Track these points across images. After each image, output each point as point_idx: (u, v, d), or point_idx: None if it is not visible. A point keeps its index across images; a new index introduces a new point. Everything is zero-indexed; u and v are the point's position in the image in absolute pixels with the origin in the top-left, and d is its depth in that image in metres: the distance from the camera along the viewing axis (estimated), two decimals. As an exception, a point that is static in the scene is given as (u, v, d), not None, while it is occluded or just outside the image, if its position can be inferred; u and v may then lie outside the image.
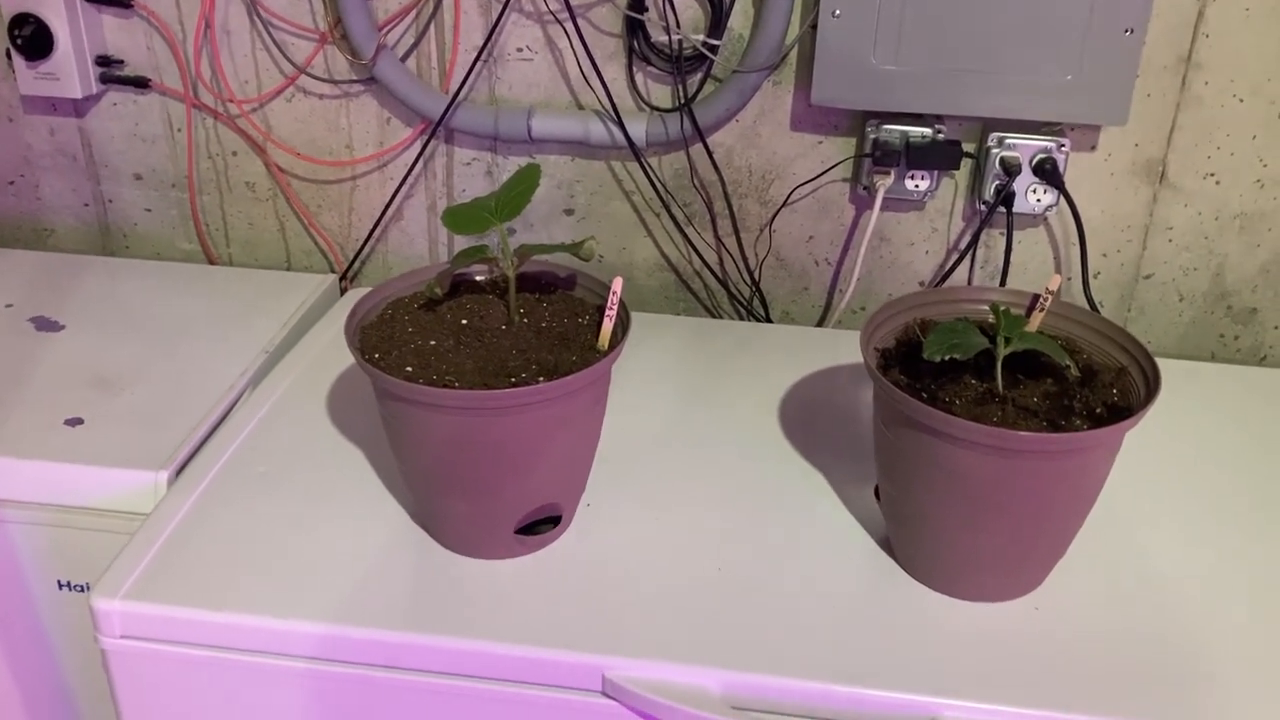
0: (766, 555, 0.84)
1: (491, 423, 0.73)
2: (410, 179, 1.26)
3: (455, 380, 0.74)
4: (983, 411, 0.73)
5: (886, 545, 0.84)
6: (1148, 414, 0.72)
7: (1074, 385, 0.77)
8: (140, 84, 1.24)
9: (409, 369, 0.76)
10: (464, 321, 0.81)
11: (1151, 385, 0.74)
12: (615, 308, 0.79)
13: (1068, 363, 0.74)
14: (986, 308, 0.82)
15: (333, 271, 1.31)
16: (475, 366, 0.76)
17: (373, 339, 0.80)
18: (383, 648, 0.76)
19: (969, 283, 1.21)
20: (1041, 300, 0.81)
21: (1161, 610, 0.79)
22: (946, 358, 0.73)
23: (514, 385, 0.74)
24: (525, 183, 0.81)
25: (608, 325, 0.79)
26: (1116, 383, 0.77)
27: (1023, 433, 0.69)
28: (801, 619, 0.78)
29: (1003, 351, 0.74)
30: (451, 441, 0.74)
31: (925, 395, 0.75)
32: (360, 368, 0.76)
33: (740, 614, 0.78)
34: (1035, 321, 0.82)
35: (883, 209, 1.19)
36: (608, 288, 0.84)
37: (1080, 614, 0.78)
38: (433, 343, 0.79)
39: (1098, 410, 0.74)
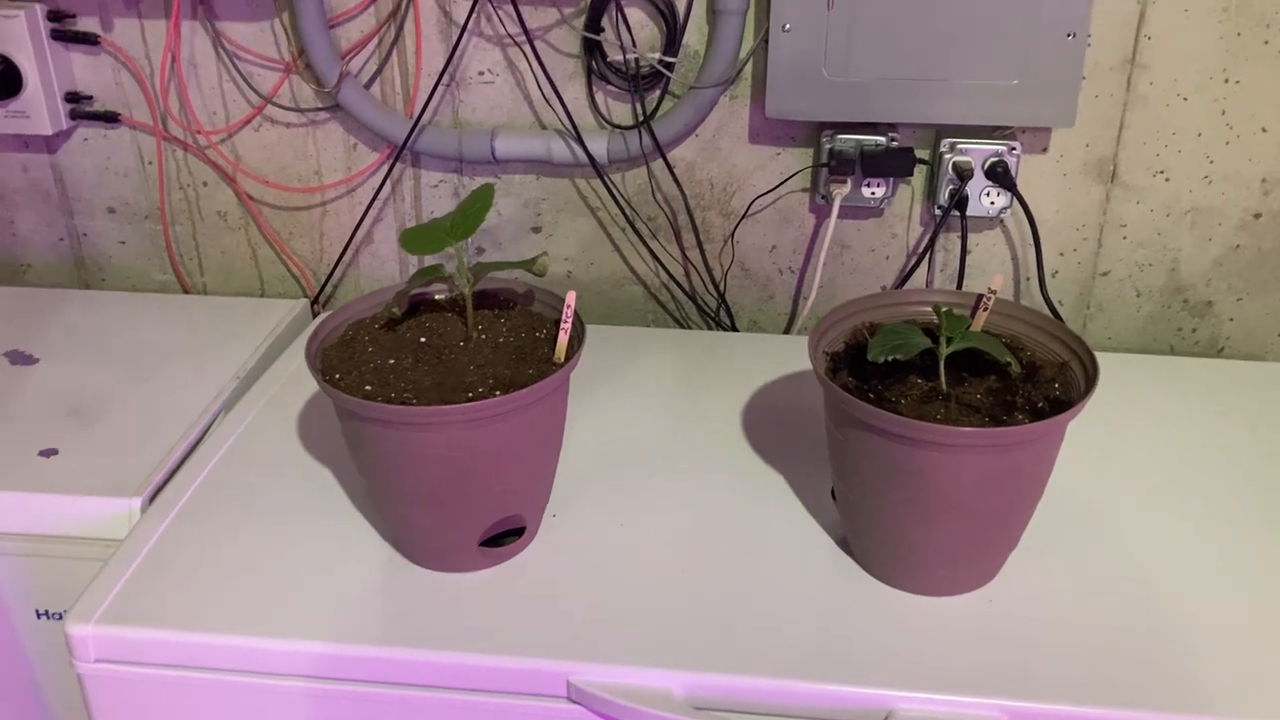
0: (728, 558, 0.85)
1: (449, 437, 0.75)
2: (378, 203, 1.28)
3: (413, 397, 0.76)
4: (927, 409, 0.75)
5: (844, 544, 0.86)
6: (1091, 405, 0.74)
7: (1017, 381, 0.79)
8: (110, 119, 1.26)
9: (368, 388, 0.77)
10: (423, 340, 0.83)
11: (1091, 378, 0.76)
12: (569, 320, 0.81)
13: (1009, 360, 0.76)
14: (928, 309, 0.84)
15: (305, 296, 1.33)
16: (433, 383, 0.78)
17: (334, 360, 0.82)
18: (353, 662, 0.78)
19: (928, 285, 1.23)
20: (984, 300, 0.83)
21: (1115, 598, 0.81)
22: (890, 358, 0.75)
23: (470, 400, 0.76)
24: (479, 203, 0.83)
25: (563, 338, 0.81)
26: (1058, 377, 0.79)
27: (963, 428, 0.71)
28: (762, 619, 0.79)
29: (944, 351, 0.76)
30: (411, 457, 0.76)
31: (872, 396, 0.77)
32: (321, 388, 0.77)
33: (702, 616, 0.80)
34: (979, 321, 0.84)
35: (842, 216, 1.21)
36: (564, 302, 0.86)
37: (1033, 604, 0.80)
38: (392, 361, 0.81)
39: (1039, 405, 0.76)
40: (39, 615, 0.96)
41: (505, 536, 0.85)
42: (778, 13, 1.08)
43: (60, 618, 0.96)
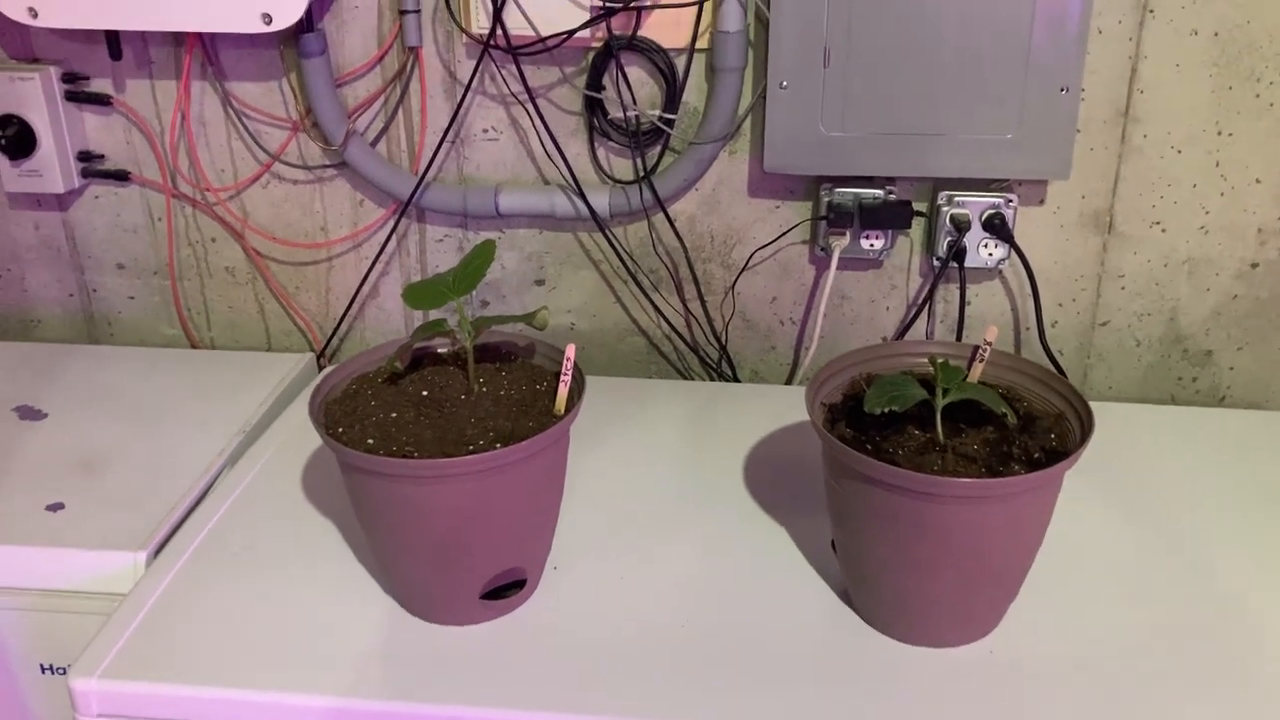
0: (730, 610, 0.86)
1: (451, 490, 0.76)
2: (384, 257, 1.30)
3: (415, 450, 0.77)
4: (924, 460, 0.76)
5: (846, 597, 0.86)
6: (1092, 454, 0.75)
7: (1013, 432, 0.79)
8: (121, 177, 1.29)
9: (370, 441, 0.78)
10: (425, 393, 0.84)
11: (1086, 428, 0.77)
12: (569, 373, 0.82)
13: (1004, 410, 0.77)
14: (924, 361, 0.85)
15: (312, 350, 1.35)
16: (435, 436, 0.79)
17: (337, 414, 0.83)
18: (357, 716, 0.78)
19: (928, 336, 1.24)
20: (980, 351, 0.84)
21: (1116, 648, 0.81)
22: (887, 410, 0.75)
23: (471, 453, 0.76)
24: (480, 258, 0.85)
25: (563, 390, 0.82)
26: (1054, 428, 0.80)
27: (959, 479, 0.72)
28: (764, 672, 0.79)
29: (941, 402, 0.77)
30: (412, 510, 0.77)
31: (869, 447, 0.78)
32: (324, 442, 0.78)
33: (704, 670, 0.80)
34: (976, 372, 0.85)
35: (842, 268, 1.22)
36: (563, 354, 0.87)
37: (1034, 655, 0.80)
38: (394, 415, 0.82)
39: (1035, 455, 0.76)
40: (44, 670, 0.97)
41: (507, 589, 0.85)
42: (775, 71, 1.11)
43: (65, 672, 0.96)
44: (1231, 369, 1.23)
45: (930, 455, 0.76)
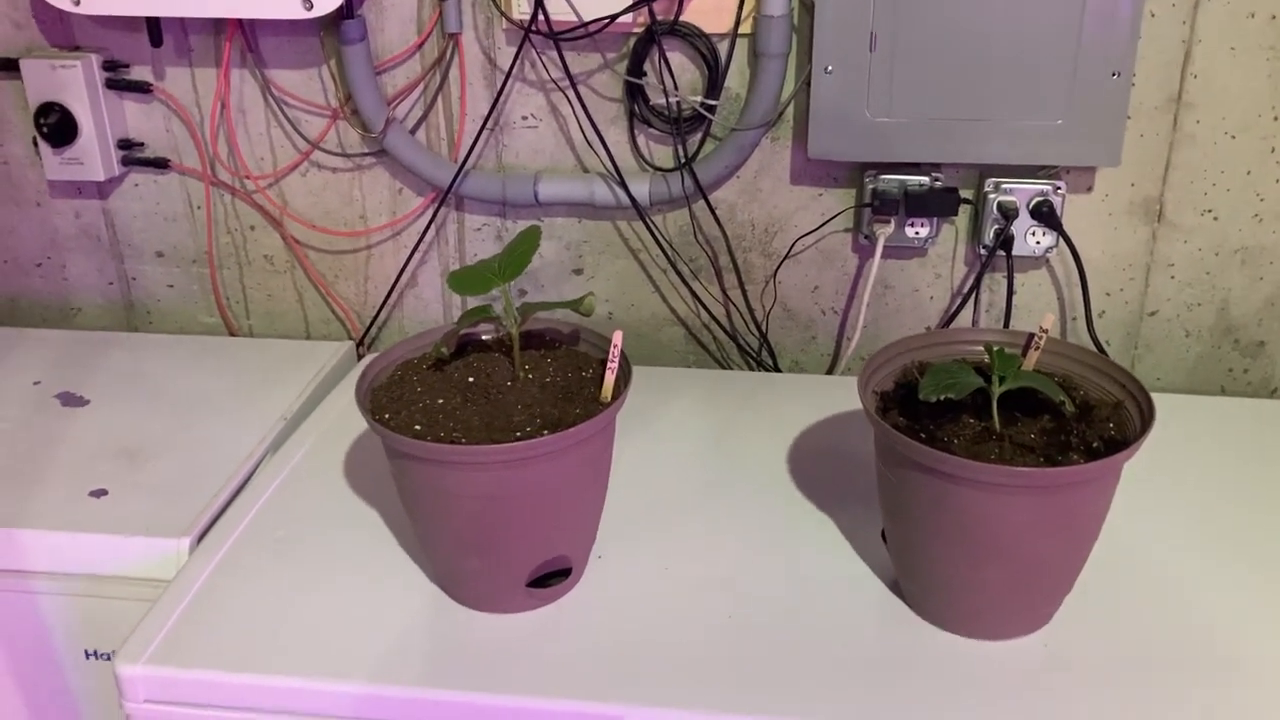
0: (778, 602, 0.84)
1: (498, 477, 0.75)
2: (423, 246, 1.29)
3: (462, 436, 0.76)
4: (980, 449, 0.74)
5: (896, 588, 0.85)
6: (1144, 445, 0.73)
7: (1071, 421, 0.78)
8: (160, 165, 1.29)
9: (417, 427, 0.78)
10: (471, 380, 0.84)
11: (1146, 417, 0.75)
12: (616, 360, 0.81)
13: (1062, 399, 0.75)
14: (979, 348, 0.84)
15: (350, 338, 1.34)
16: (481, 423, 0.78)
17: (383, 400, 0.82)
18: (401, 704, 0.77)
19: (974, 325, 1.22)
20: (1036, 339, 0.83)
21: (1172, 643, 0.79)
22: (942, 398, 0.74)
23: (519, 439, 0.76)
24: (526, 244, 0.84)
25: (610, 378, 0.81)
26: (1113, 417, 0.78)
27: (1019, 468, 0.70)
28: (814, 663, 0.78)
29: (998, 390, 0.76)
30: (460, 497, 0.76)
31: (924, 436, 0.76)
32: (371, 428, 0.78)
33: (753, 660, 0.79)
34: (1031, 360, 0.83)
35: (885, 256, 1.21)
36: (610, 342, 0.86)
37: (1090, 649, 0.79)
38: (440, 401, 0.81)
39: (1094, 444, 0.75)
40: (88, 655, 0.97)
41: (551, 577, 0.84)
42: (820, 55, 1.09)
43: (109, 658, 0.96)
44: (1284, 360, 1.20)
45: (987, 444, 0.75)
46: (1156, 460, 1.00)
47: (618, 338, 0.81)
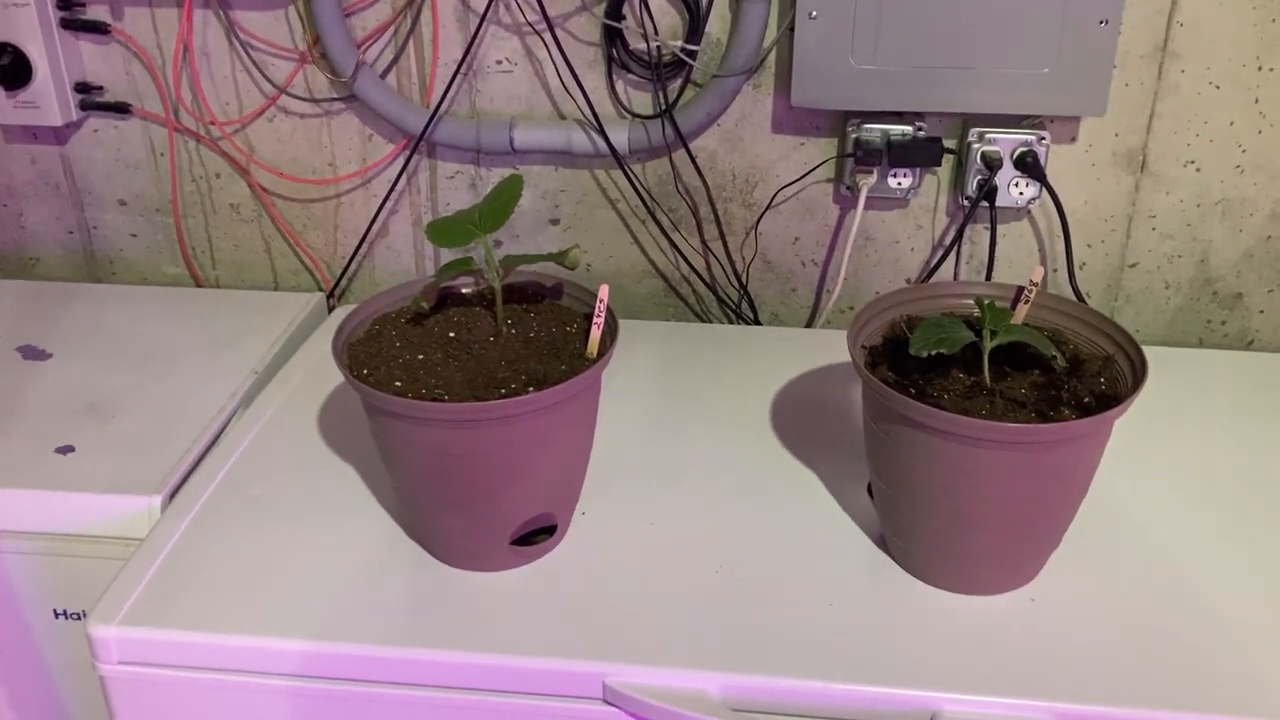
0: (762, 556, 0.84)
1: (482, 435, 0.73)
2: (394, 194, 1.26)
3: (444, 393, 0.74)
4: (971, 404, 0.73)
5: (882, 543, 0.84)
6: (1135, 401, 0.72)
7: (1061, 376, 0.77)
8: (121, 110, 1.24)
9: (398, 384, 0.76)
10: (451, 334, 0.81)
11: (1138, 373, 0.74)
12: (603, 315, 0.79)
13: (1054, 353, 0.74)
14: (971, 302, 0.83)
15: (320, 289, 1.31)
16: (464, 379, 0.76)
17: (361, 355, 0.80)
18: (383, 663, 0.76)
19: (955, 278, 1.21)
20: (1026, 292, 0.82)
21: (1158, 597, 0.80)
22: (933, 352, 0.73)
23: (503, 396, 0.74)
24: (508, 194, 0.81)
25: (596, 333, 0.79)
26: (1103, 371, 0.77)
27: (1010, 424, 0.70)
28: (800, 619, 0.78)
29: (989, 345, 0.75)
30: (444, 455, 0.74)
31: (914, 391, 0.75)
32: (349, 384, 0.76)
33: (738, 616, 0.78)
34: (1020, 314, 0.82)
35: (867, 207, 1.19)
36: (595, 296, 0.84)
37: (1077, 604, 0.79)
38: (421, 357, 0.79)
39: (1085, 399, 0.74)
40: (57, 615, 0.94)
41: (535, 535, 0.83)
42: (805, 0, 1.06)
43: (78, 617, 0.94)
44: (1262, 312, 1.20)
45: (978, 399, 0.74)
46: (1137, 412, 1.00)
47: (603, 292, 0.79)
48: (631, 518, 0.88)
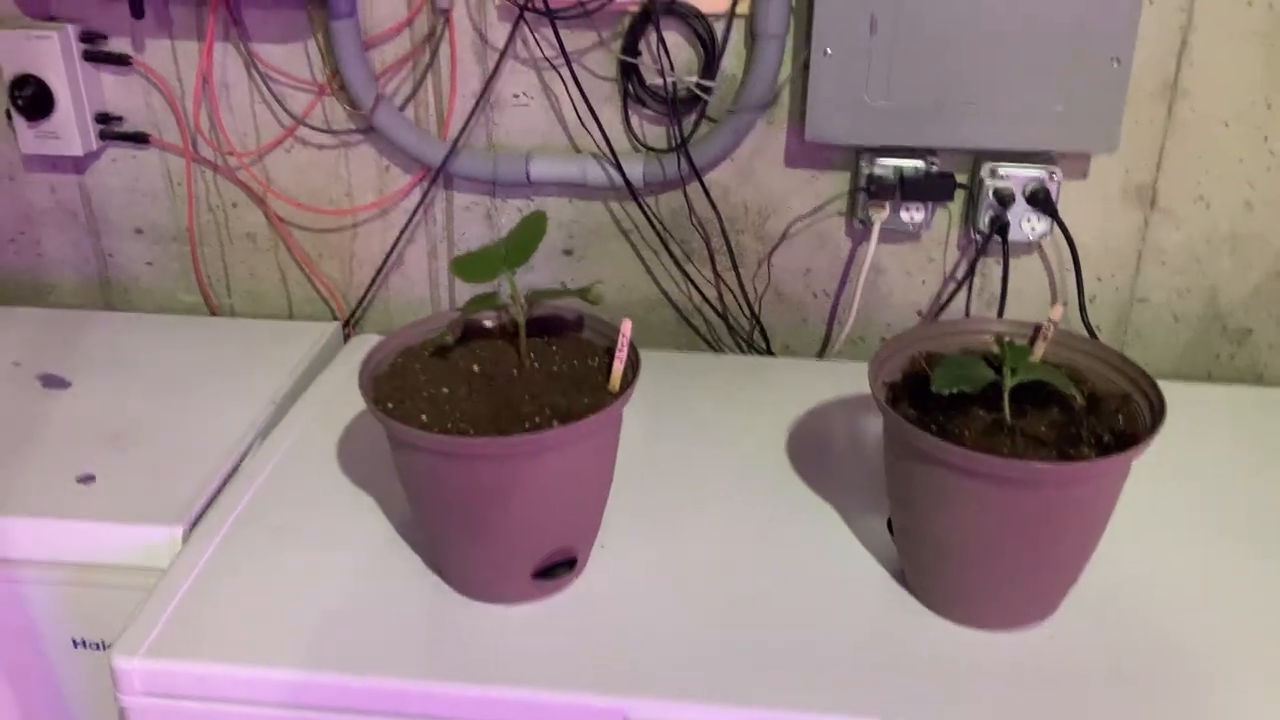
0: (782, 590, 0.84)
1: (508, 468, 0.74)
2: (410, 225, 1.27)
3: (469, 427, 0.75)
4: (992, 442, 0.74)
5: (901, 577, 0.85)
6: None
7: (1080, 413, 0.78)
8: (140, 140, 1.25)
9: (423, 417, 0.76)
10: (475, 368, 0.82)
11: (1156, 412, 0.75)
12: (625, 349, 0.80)
13: (1074, 392, 0.75)
14: (989, 338, 0.84)
15: (335, 318, 1.32)
16: (489, 412, 0.77)
17: (385, 388, 0.80)
18: (405, 696, 0.76)
19: (966, 311, 1.22)
20: (1044, 330, 0.82)
21: (1175, 632, 0.80)
22: (955, 390, 0.74)
23: (528, 430, 0.75)
24: (533, 229, 0.82)
25: (618, 367, 0.80)
26: (1121, 409, 0.78)
27: (1035, 463, 0.70)
28: (820, 653, 0.78)
29: (1009, 383, 0.76)
30: (469, 489, 0.75)
31: (935, 428, 0.76)
32: (375, 418, 0.76)
33: (759, 650, 0.78)
34: (1039, 351, 0.83)
35: (879, 240, 1.20)
36: (616, 329, 0.85)
37: (1095, 639, 0.79)
38: (445, 390, 0.80)
39: (1104, 437, 0.75)
40: (76, 644, 0.95)
41: (555, 567, 0.83)
42: (819, 37, 1.08)
43: (98, 647, 0.94)
44: (1271, 347, 1.21)
45: (999, 437, 0.75)
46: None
47: (626, 327, 0.80)
48: (650, 551, 0.88)
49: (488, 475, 0.74)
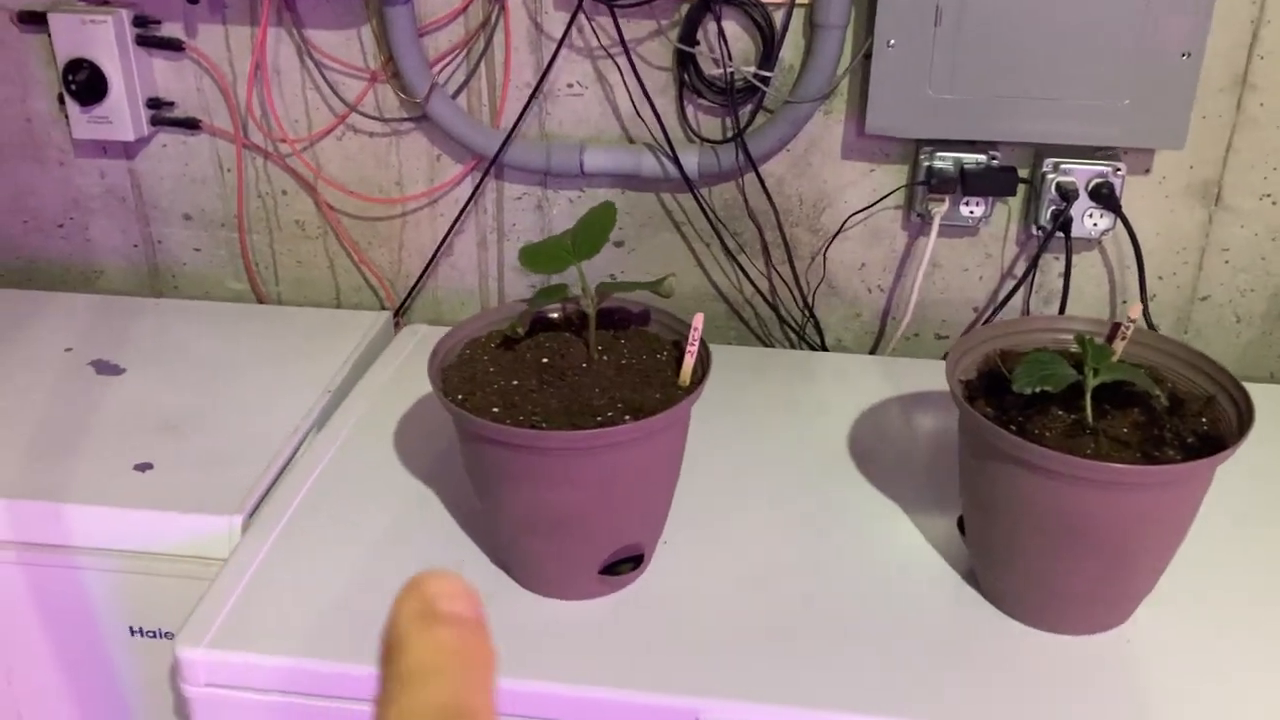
0: (850, 590, 0.83)
1: (582, 463, 0.73)
2: (461, 215, 1.26)
3: (542, 421, 0.74)
4: (1075, 443, 0.73)
5: (971, 577, 0.84)
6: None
7: (1162, 415, 0.76)
8: (191, 125, 1.25)
9: (495, 410, 0.75)
10: (544, 360, 0.81)
11: (1244, 415, 0.74)
12: (696, 344, 0.79)
13: (1157, 393, 0.74)
14: (1064, 336, 0.82)
15: (383, 308, 1.31)
16: (560, 406, 0.76)
17: (454, 380, 0.79)
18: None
19: (1025, 309, 1.21)
20: (1123, 329, 0.81)
21: (1258, 637, 0.78)
22: (1038, 390, 0.72)
23: (600, 424, 0.74)
24: (602, 221, 0.81)
25: (689, 361, 0.79)
26: (1205, 411, 0.77)
27: (1122, 465, 0.69)
28: (893, 655, 0.77)
29: (1092, 383, 0.74)
30: (542, 482, 0.74)
31: (1014, 428, 0.75)
32: (444, 409, 0.75)
33: (829, 651, 0.77)
34: (1117, 350, 0.81)
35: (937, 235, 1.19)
36: (682, 323, 0.84)
37: (1174, 645, 0.78)
38: (515, 383, 0.79)
39: (1189, 440, 0.73)
40: (133, 633, 0.94)
41: (620, 563, 0.82)
42: (883, 28, 1.06)
43: (155, 635, 0.94)
44: (1335, 347, 1.19)
45: (1081, 438, 0.73)
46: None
47: (698, 321, 0.79)
48: (714, 547, 0.87)
49: (564, 469, 0.73)
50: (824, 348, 1.26)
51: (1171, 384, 0.80)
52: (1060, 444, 0.73)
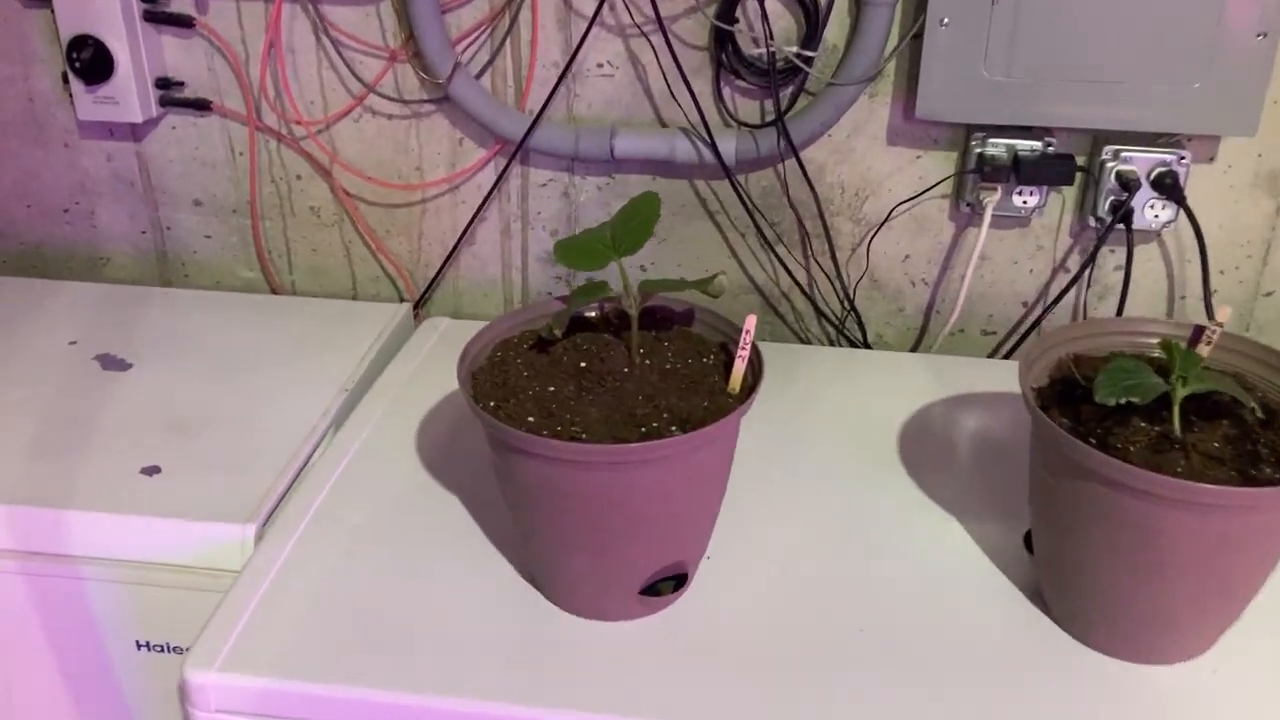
0: (906, 611, 0.77)
1: (625, 477, 0.67)
2: (485, 202, 1.20)
3: (582, 431, 0.68)
4: (1163, 460, 0.67)
5: (1038, 598, 0.78)
6: None
7: (1254, 427, 0.70)
8: (201, 106, 1.19)
9: (531, 419, 0.70)
10: (582, 364, 0.75)
11: (1348, 428, 0.67)
12: (748, 349, 0.73)
13: (1252, 404, 0.67)
14: (1141, 340, 0.76)
15: (402, 299, 1.26)
16: (601, 415, 0.70)
17: (486, 385, 0.74)
18: (503, 721, 0.70)
19: (1077, 305, 1.14)
20: (1208, 333, 0.75)
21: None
22: (1123, 401, 0.66)
23: (645, 435, 0.68)
24: (645, 214, 0.75)
25: (740, 367, 0.73)
26: (1301, 424, 0.70)
27: (1221, 486, 0.63)
28: (952, 681, 0.71)
29: (1180, 393, 0.68)
30: (581, 498, 0.68)
31: (1093, 440, 0.69)
32: (478, 419, 0.70)
33: (887, 677, 0.72)
34: (1203, 356, 0.75)
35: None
36: (729, 324, 0.78)
37: (1262, 676, 0.72)
38: (552, 389, 0.73)
39: (1286, 456, 0.67)
40: (139, 646, 0.89)
41: (661, 583, 0.77)
42: (936, 6, 1.00)
43: (163, 650, 0.89)
44: (1407, 347, 1.13)
45: (1169, 453, 0.67)
46: None
47: (750, 323, 0.73)
48: (759, 564, 0.82)
49: (604, 483, 0.67)
50: (865, 344, 1.20)
51: (1262, 393, 0.74)
52: (1147, 460, 0.66)
